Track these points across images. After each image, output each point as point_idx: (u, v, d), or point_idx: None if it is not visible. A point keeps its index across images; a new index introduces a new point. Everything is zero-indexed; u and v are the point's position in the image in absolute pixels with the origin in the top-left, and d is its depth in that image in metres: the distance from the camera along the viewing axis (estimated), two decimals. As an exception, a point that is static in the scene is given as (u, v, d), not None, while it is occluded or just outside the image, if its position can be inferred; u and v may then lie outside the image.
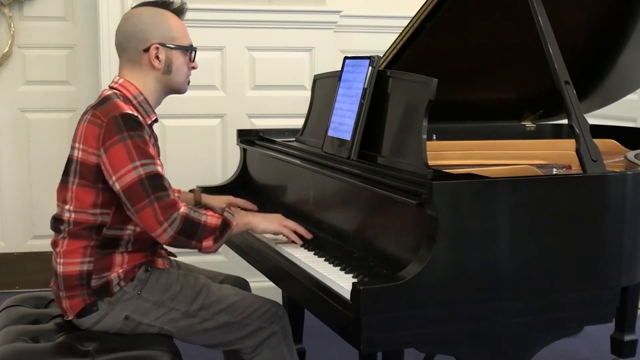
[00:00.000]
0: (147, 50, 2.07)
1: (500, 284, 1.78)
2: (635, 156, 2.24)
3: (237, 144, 2.85)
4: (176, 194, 2.41)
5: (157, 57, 2.07)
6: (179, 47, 2.10)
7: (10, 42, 3.72)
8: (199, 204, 2.42)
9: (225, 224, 2.01)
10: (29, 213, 3.86)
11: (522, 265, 1.79)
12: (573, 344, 3.13)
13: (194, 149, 3.60)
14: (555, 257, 1.83)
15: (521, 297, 1.80)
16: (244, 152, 2.83)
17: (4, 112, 3.80)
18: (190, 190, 2.50)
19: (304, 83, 3.64)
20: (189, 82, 2.18)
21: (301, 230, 2.15)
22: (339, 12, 3.67)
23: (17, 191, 3.84)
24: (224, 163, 3.64)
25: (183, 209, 1.94)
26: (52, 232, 2.10)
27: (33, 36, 3.77)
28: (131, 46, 2.08)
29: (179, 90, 2.17)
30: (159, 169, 1.97)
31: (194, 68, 2.17)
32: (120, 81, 2.09)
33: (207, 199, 2.45)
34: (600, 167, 1.94)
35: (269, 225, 2.13)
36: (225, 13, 3.54)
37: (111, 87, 2.09)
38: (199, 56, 2.26)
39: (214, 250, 2.01)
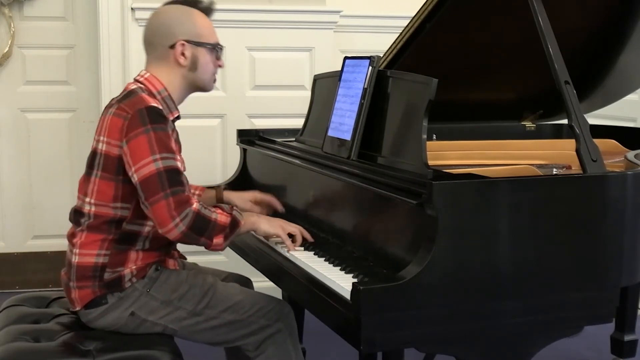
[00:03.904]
0: (173, 46, 2.08)
1: (500, 284, 1.78)
2: (635, 156, 2.24)
3: (237, 144, 2.85)
4: (198, 192, 2.41)
5: (183, 54, 2.08)
6: (204, 44, 2.11)
7: (10, 42, 3.72)
8: (221, 201, 2.40)
9: (235, 223, 2.02)
10: (29, 213, 3.85)
11: (521, 265, 1.79)
12: (573, 344, 3.12)
13: (194, 149, 3.59)
14: (555, 257, 1.83)
15: (521, 297, 1.81)
16: (244, 152, 2.83)
17: (4, 112, 3.80)
18: (212, 187, 2.48)
19: (304, 83, 3.64)
20: (215, 80, 2.19)
21: (299, 237, 2.13)
22: (339, 12, 3.67)
23: (17, 191, 3.84)
24: (224, 163, 3.64)
25: (195, 205, 1.95)
26: (52, 232, 2.11)
27: (33, 36, 3.77)
28: (157, 42, 2.10)
29: (204, 88, 2.18)
30: (179, 164, 1.98)
31: (220, 67, 2.18)
32: (146, 75, 2.10)
33: (230, 195, 2.41)
34: (600, 167, 1.94)
35: (270, 228, 2.13)
36: (225, 13, 3.53)
37: (137, 80, 2.10)
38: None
39: (222, 248, 2.02)
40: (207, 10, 2.17)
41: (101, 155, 2.01)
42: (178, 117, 2.14)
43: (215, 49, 2.15)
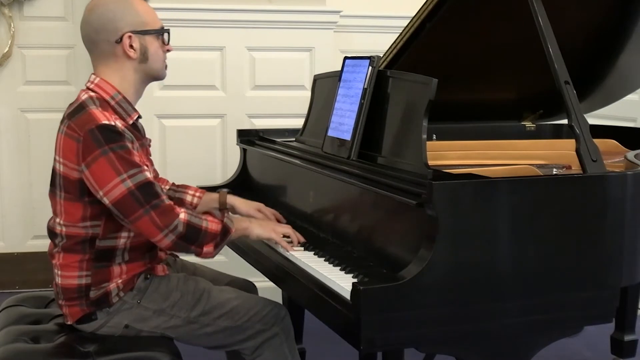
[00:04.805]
0: (119, 40, 1.98)
1: (500, 284, 1.78)
2: (635, 156, 2.24)
3: (237, 144, 2.85)
4: (198, 194, 2.37)
5: (132, 47, 1.98)
6: (151, 32, 2.01)
7: (10, 42, 3.72)
8: (224, 205, 2.34)
9: (225, 230, 2.00)
10: (29, 213, 3.86)
11: (522, 265, 1.79)
12: (573, 344, 3.13)
13: (194, 149, 3.60)
14: (555, 257, 1.83)
15: (521, 297, 1.80)
16: (244, 152, 2.83)
17: (4, 112, 3.80)
18: (217, 191, 2.43)
19: (304, 83, 3.64)
20: (166, 66, 2.09)
21: (294, 237, 2.13)
22: (339, 12, 3.67)
23: (17, 191, 3.84)
24: (224, 163, 3.64)
25: (183, 215, 1.92)
26: (52, 233, 2.10)
27: (33, 36, 3.78)
28: (102, 39, 1.98)
29: (158, 77, 2.09)
30: (148, 174, 1.91)
31: (168, 51, 2.08)
32: (96, 81, 2.00)
33: (234, 200, 2.34)
34: (600, 167, 1.94)
35: (262, 232, 2.11)
36: (225, 13, 3.54)
37: (88, 88, 2.01)
38: (199, 56, 2.26)
39: (212, 256, 2.00)
40: None
41: (61, 177, 1.96)
42: (139, 117, 2.06)
43: (161, 34, 2.05)
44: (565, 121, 2.28)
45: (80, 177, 1.91)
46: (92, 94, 1.99)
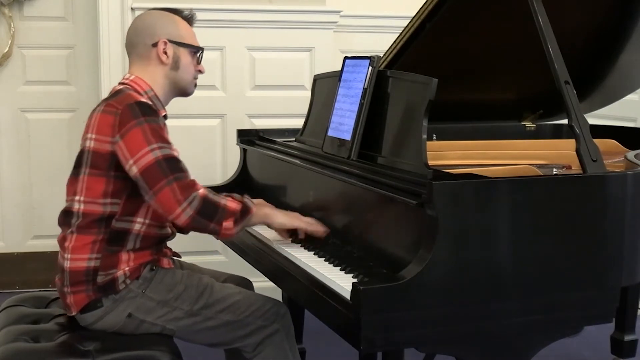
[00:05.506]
0: (155, 44, 2.11)
1: (500, 284, 1.78)
2: (635, 156, 2.24)
3: (237, 144, 2.85)
4: None
5: (165, 53, 2.11)
6: (186, 45, 2.15)
7: (10, 42, 3.72)
8: None
9: (245, 209, 2.02)
10: (29, 213, 3.85)
11: (522, 265, 1.79)
12: (573, 344, 3.13)
13: (194, 149, 3.59)
14: (555, 257, 1.83)
15: (521, 297, 1.80)
16: (244, 152, 2.83)
17: (4, 112, 3.80)
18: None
19: (304, 83, 3.64)
20: (195, 84, 2.21)
21: (320, 228, 2.13)
22: (339, 12, 3.67)
23: (17, 191, 3.84)
24: (224, 163, 3.64)
25: (202, 190, 1.96)
26: (52, 232, 2.11)
27: (33, 36, 3.77)
28: (140, 41, 2.13)
29: (186, 90, 2.20)
30: (176, 153, 2.00)
31: (200, 72, 2.21)
32: (131, 77, 2.12)
33: None
34: (600, 167, 1.94)
35: (286, 220, 2.13)
36: (225, 13, 3.54)
37: (122, 83, 2.12)
38: (199, 56, 2.26)
39: (233, 234, 2.01)
40: (189, 19, 2.21)
41: (89, 153, 2.01)
42: (165, 117, 2.14)
43: (197, 53, 2.18)
44: (565, 121, 2.28)
45: (112, 149, 1.98)
46: (128, 86, 2.10)
